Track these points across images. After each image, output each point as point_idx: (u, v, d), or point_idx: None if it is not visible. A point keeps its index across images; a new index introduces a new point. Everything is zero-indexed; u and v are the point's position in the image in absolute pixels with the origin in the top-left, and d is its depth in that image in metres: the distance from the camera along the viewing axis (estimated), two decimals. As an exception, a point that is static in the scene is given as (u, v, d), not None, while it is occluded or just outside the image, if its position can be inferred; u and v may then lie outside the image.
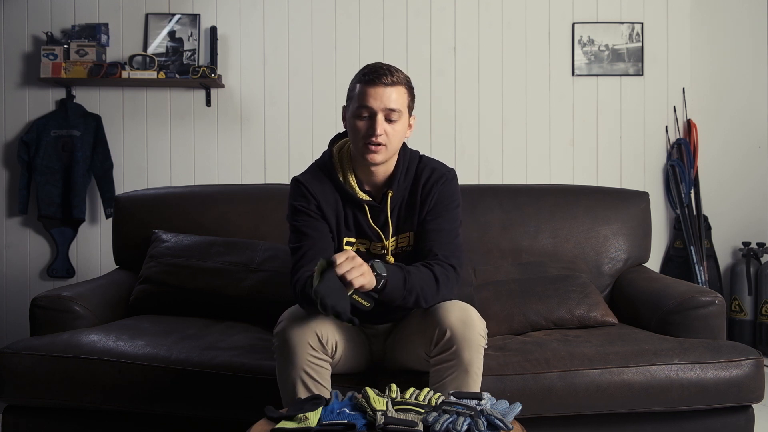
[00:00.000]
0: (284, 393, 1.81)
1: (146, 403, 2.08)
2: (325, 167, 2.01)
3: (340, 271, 1.63)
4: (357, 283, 1.65)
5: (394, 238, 1.99)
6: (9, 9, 3.79)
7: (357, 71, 1.94)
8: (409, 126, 1.98)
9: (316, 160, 2.07)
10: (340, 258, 1.65)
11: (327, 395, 1.76)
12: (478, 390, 1.79)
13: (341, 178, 1.98)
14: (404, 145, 2.02)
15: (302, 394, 1.77)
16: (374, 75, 1.87)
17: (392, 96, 1.87)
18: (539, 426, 2.03)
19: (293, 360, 1.77)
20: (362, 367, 2.06)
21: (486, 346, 1.83)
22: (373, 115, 1.87)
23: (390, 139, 1.89)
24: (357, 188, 1.98)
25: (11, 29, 3.80)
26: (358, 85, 1.90)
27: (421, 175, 2.00)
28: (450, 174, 2.02)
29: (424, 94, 3.82)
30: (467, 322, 1.78)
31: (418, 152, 2.07)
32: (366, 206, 1.97)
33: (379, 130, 1.86)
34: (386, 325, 2.08)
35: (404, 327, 2.00)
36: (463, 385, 1.77)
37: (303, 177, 2.01)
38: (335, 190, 1.98)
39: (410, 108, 1.95)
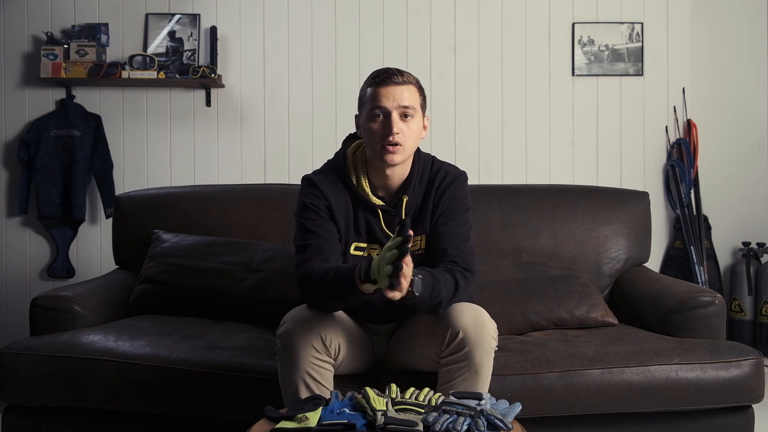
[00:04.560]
0: (286, 394, 1.81)
1: (146, 403, 2.08)
2: (339, 168, 1.99)
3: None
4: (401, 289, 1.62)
5: None
6: (9, 9, 3.79)
7: (366, 77, 1.94)
8: (424, 127, 1.97)
9: (329, 160, 2.05)
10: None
11: (328, 395, 1.76)
12: (486, 391, 1.79)
13: (354, 182, 1.97)
14: (418, 149, 2.01)
15: (304, 395, 1.77)
16: (384, 76, 1.88)
17: (404, 94, 1.87)
18: (539, 426, 2.03)
19: (296, 362, 1.77)
20: (365, 367, 2.05)
21: (497, 348, 1.83)
22: (387, 115, 1.87)
23: (406, 138, 1.88)
24: (370, 193, 1.96)
25: (11, 29, 3.80)
26: (369, 89, 1.90)
27: (435, 178, 2.00)
28: (462, 177, 2.02)
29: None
30: (479, 325, 1.78)
31: (431, 155, 2.06)
32: (379, 211, 1.96)
33: (395, 128, 1.85)
34: (390, 325, 2.07)
35: (411, 326, 1.99)
36: (472, 386, 1.77)
37: (315, 176, 1.99)
38: (347, 193, 1.97)
39: (423, 108, 1.95)
